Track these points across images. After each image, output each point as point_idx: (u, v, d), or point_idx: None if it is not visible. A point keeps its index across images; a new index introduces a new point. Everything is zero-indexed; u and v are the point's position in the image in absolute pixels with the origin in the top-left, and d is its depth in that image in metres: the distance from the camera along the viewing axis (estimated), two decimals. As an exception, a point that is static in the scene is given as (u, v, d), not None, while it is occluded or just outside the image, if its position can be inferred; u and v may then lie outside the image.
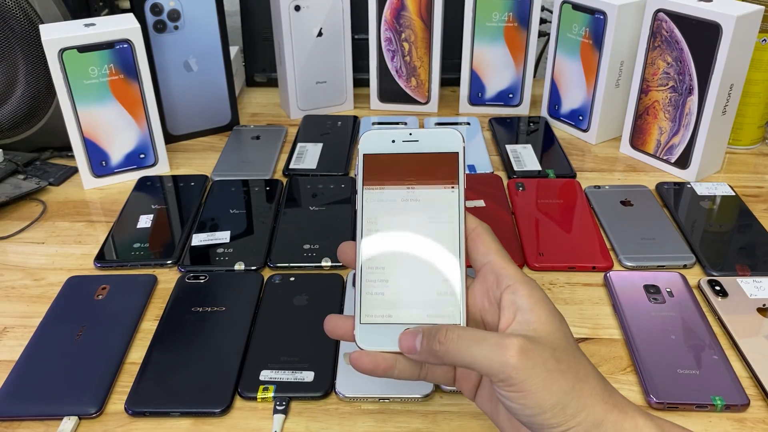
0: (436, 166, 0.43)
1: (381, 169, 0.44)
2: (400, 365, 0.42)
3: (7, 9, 0.76)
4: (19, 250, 0.70)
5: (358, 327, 0.42)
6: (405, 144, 0.43)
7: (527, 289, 0.40)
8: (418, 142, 0.43)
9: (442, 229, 0.43)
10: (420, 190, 0.43)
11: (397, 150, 0.43)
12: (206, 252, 0.67)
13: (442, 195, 0.43)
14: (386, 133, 0.44)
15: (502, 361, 0.37)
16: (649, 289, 0.61)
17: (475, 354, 0.37)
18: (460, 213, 0.43)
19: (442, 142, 0.43)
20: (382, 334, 0.42)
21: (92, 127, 0.77)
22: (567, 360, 0.38)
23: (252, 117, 0.98)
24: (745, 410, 0.50)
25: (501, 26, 0.91)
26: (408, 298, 0.42)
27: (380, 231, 0.43)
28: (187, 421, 0.50)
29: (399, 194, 0.43)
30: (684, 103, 0.78)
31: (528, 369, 0.36)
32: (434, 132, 0.44)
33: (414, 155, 0.44)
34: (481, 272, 0.42)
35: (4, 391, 0.52)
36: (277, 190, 0.77)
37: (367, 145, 0.44)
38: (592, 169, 0.84)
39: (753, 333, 0.56)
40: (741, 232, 0.70)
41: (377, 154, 0.44)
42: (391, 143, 0.44)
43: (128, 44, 0.75)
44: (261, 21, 1.00)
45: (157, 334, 0.57)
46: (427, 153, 0.44)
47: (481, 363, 0.37)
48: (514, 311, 0.39)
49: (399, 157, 0.44)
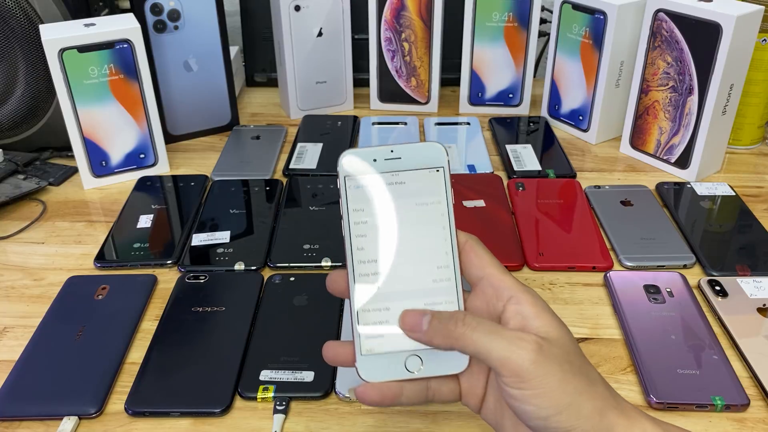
0: (423, 184, 0.42)
1: (365, 192, 0.42)
2: (407, 392, 0.41)
3: (7, 9, 0.76)
4: (19, 250, 0.70)
5: (360, 359, 0.41)
6: (387, 162, 0.42)
7: (530, 298, 0.40)
8: (400, 160, 0.42)
9: (434, 247, 0.42)
10: (408, 210, 0.42)
11: (381, 169, 0.42)
12: (206, 252, 0.67)
13: (429, 211, 0.42)
14: (367, 152, 0.42)
15: (520, 355, 0.36)
16: (649, 289, 0.61)
17: (493, 345, 0.37)
18: (451, 228, 0.42)
19: (426, 158, 0.42)
20: (385, 363, 0.41)
21: (92, 127, 0.77)
22: (578, 363, 0.38)
23: (252, 117, 0.98)
24: (745, 410, 0.50)
25: (501, 26, 0.91)
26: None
27: (372, 258, 0.42)
28: (187, 421, 0.50)
29: (386, 217, 0.42)
30: (684, 103, 0.78)
31: (545, 366, 0.36)
32: (416, 147, 0.42)
33: (398, 173, 0.42)
34: (479, 286, 0.42)
35: (4, 391, 0.52)
36: (277, 190, 0.77)
37: (348, 167, 0.42)
38: (592, 169, 0.84)
39: (753, 333, 0.56)
40: (741, 232, 0.70)
41: (360, 176, 0.42)
42: (372, 162, 0.42)
43: (128, 44, 0.75)
44: (261, 21, 1.00)
45: (157, 334, 0.57)
46: (411, 170, 0.42)
47: (498, 354, 0.37)
48: (520, 320, 0.39)
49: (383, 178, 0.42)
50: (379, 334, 0.41)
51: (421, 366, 0.41)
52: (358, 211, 0.42)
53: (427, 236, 0.42)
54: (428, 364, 0.41)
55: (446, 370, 0.42)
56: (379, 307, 0.42)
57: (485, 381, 0.42)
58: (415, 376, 0.41)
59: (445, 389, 0.42)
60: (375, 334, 0.42)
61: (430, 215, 0.42)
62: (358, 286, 0.42)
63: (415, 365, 0.41)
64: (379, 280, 0.42)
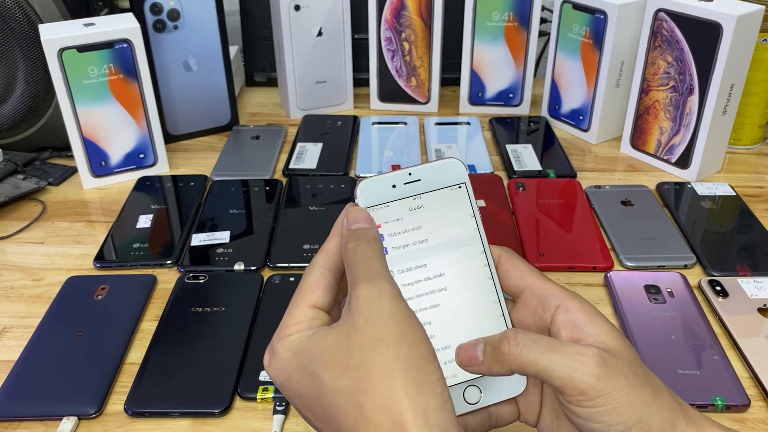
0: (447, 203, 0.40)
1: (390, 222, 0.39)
2: (471, 426, 0.39)
3: (7, 9, 0.76)
4: (18, 250, 0.69)
5: None
6: (407, 186, 0.40)
7: (579, 304, 0.38)
8: (420, 182, 0.40)
9: (471, 267, 0.40)
10: (437, 234, 0.40)
11: (402, 195, 0.39)
12: (206, 252, 0.67)
13: (458, 230, 0.40)
14: (384, 179, 0.39)
15: (584, 372, 0.34)
16: (650, 289, 0.61)
17: (554, 364, 0.34)
18: (484, 244, 0.41)
19: (446, 176, 0.40)
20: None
21: (92, 127, 0.77)
22: (642, 373, 0.36)
23: (252, 117, 0.98)
24: (746, 410, 0.50)
25: (501, 26, 0.91)
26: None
27: (408, 284, 0.39)
28: (187, 421, 0.50)
29: (417, 246, 0.40)
30: (684, 103, 0.78)
31: (611, 381, 0.34)
32: (434, 166, 0.40)
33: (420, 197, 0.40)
34: (522, 298, 0.40)
35: (3, 391, 0.52)
36: (276, 190, 0.77)
37: (367, 196, 0.39)
38: (593, 169, 0.84)
39: (753, 333, 0.56)
40: (741, 232, 0.70)
41: (382, 206, 0.39)
42: (392, 189, 0.39)
43: (128, 44, 0.75)
44: (261, 21, 1.00)
45: (156, 335, 0.57)
46: (433, 191, 0.40)
47: (560, 374, 0.34)
48: (572, 330, 0.37)
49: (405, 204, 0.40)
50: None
51: (480, 395, 0.40)
52: (390, 242, 0.39)
53: (462, 257, 0.40)
54: (487, 393, 0.40)
55: (506, 395, 0.40)
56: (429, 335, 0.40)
57: (540, 395, 0.40)
58: (476, 407, 0.39)
59: (504, 412, 0.40)
60: None
61: (460, 234, 0.40)
62: None
63: (474, 396, 0.40)
64: (425, 316, 0.39)
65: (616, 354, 0.35)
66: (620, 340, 0.36)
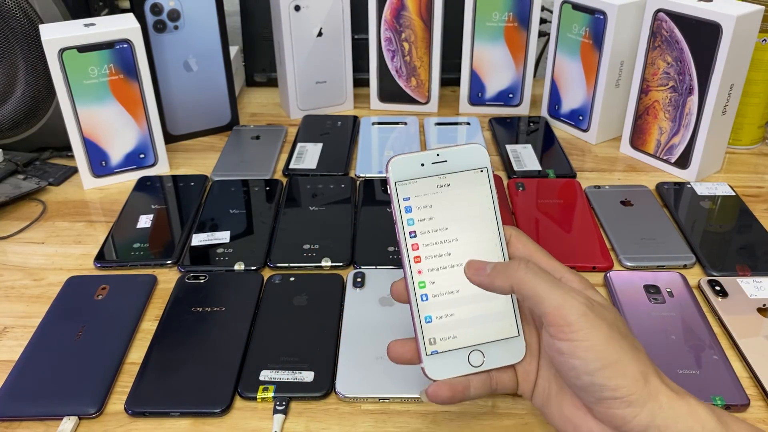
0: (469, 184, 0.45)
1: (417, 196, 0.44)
2: (474, 384, 0.43)
3: (7, 9, 0.76)
4: (18, 250, 0.69)
5: (426, 359, 0.43)
6: (434, 166, 0.44)
7: (578, 278, 0.43)
8: (446, 163, 0.44)
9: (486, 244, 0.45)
10: (458, 211, 0.44)
11: (429, 173, 0.44)
12: (206, 252, 0.67)
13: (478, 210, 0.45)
14: (414, 157, 0.44)
15: (573, 304, 0.38)
16: (649, 289, 0.61)
17: (549, 293, 0.39)
18: (498, 222, 0.45)
19: (470, 159, 0.44)
20: (450, 361, 0.43)
21: (92, 127, 0.77)
22: (625, 331, 0.40)
23: (252, 117, 0.98)
24: (745, 410, 0.50)
25: (501, 26, 0.91)
26: (467, 316, 0.44)
27: (431, 261, 0.44)
28: (187, 421, 0.50)
29: (440, 220, 0.44)
30: (684, 103, 0.78)
31: (594, 320, 0.38)
32: (460, 150, 0.44)
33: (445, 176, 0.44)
34: None
35: (4, 391, 0.52)
36: (277, 190, 0.77)
37: (398, 172, 0.43)
38: (592, 169, 0.84)
39: (753, 333, 0.56)
40: (741, 232, 0.70)
41: (410, 181, 0.44)
42: (420, 167, 0.44)
43: (128, 44, 0.75)
44: (261, 21, 1.00)
45: (156, 334, 0.57)
46: (458, 173, 0.44)
47: (552, 302, 0.39)
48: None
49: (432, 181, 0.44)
50: (442, 334, 0.44)
51: (484, 359, 0.44)
52: (412, 216, 0.44)
53: (479, 234, 0.44)
54: (489, 357, 0.44)
55: (506, 360, 0.44)
56: (440, 308, 0.44)
57: (537, 366, 0.44)
58: (479, 369, 0.44)
59: (505, 378, 0.45)
60: (438, 334, 0.43)
61: (479, 214, 0.45)
62: (419, 291, 0.44)
63: (477, 359, 0.44)
64: (438, 281, 0.44)
65: (605, 308, 0.40)
66: (610, 305, 0.41)
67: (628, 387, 0.37)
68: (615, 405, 0.38)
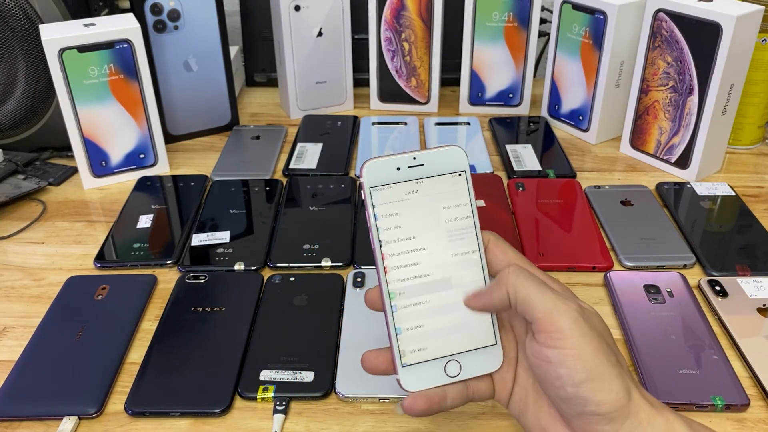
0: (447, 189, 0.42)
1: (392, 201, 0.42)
2: (451, 395, 0.42)
3: (7, 9, 0.76)
4: (19, 250, 0.69)
5: (401, 371, 0.42)
6: (411, 170, 0.41)
7: (559, 285, 0.42)
8: (423, 166, 0.42)
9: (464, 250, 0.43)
10: (435, 217, 0.42)
11: (405, 177, 0.41)
12: (206, 252, 0.67)
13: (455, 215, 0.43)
14: (389, 161, 0.41)
15: (564, 311, 0.38)
16: (649, 289, 0.61)
17: (541, 299, 0.39)
18: (476, 229, 0.43)
19: (447, 162, 0.42)
20: (426, 372, 0.42)
21: (92, 127, 0.77)
22: (611, 343, 0.40)
23: (252, 117, 0.98)
24: (745, 410, 0.50)
25: (501, 26, 0.91)
26: (442, 326, 0.42)
27: (402, 265, 0.42)
28: (187, 421, 0.50)
29: (415, 226, 0.42)
30: (684, 103, 0.78)
31: (584, 329, 0.38)
32: (438, 152, 0.42)
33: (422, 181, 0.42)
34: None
35: (4, 391, 0.52)
36: (277, 190, 0.77)
37: (372, 177, 0.41)
38: (592, 169, 0.84)
39: (753, 333, 0.56)
40: (741, 232, 0.70)
41: (385, 186, 0.41)
42: (396, 171, 0.41)
43: (128, 44, 0.75)
44: (261, 21, 1.00)
45: (156, 334, 0.57)
46: (435, 177, 0.42)
47: (543, 308, 0.38)
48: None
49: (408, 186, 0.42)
50: (417, 345, 0.42)
51: (460, 369, 0.43)
52: (387, 222, 0.41)
53: (456, 240, 0.43)
54: (466, 367, 0.43)
55: (484, 369, 0.43)
56: (415, 317, 0.42)
57: (514, 374, 0.44)
58: (456, 380, 0.42)
59: (482, 386, 0.44)
60: (413, 344, 0.42)
61: (457, 219, 0.43)
62: (393, 301, 0.42)
63: (454, 369, 0.43)
64: (407, 292, 0.42)
65: (594, 318, 0.40)
66: (597, 315, 0.41)
67: (611, 403, 0.37)
68: (596, 421, 0.37)
